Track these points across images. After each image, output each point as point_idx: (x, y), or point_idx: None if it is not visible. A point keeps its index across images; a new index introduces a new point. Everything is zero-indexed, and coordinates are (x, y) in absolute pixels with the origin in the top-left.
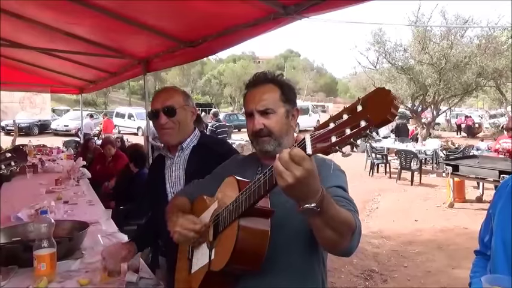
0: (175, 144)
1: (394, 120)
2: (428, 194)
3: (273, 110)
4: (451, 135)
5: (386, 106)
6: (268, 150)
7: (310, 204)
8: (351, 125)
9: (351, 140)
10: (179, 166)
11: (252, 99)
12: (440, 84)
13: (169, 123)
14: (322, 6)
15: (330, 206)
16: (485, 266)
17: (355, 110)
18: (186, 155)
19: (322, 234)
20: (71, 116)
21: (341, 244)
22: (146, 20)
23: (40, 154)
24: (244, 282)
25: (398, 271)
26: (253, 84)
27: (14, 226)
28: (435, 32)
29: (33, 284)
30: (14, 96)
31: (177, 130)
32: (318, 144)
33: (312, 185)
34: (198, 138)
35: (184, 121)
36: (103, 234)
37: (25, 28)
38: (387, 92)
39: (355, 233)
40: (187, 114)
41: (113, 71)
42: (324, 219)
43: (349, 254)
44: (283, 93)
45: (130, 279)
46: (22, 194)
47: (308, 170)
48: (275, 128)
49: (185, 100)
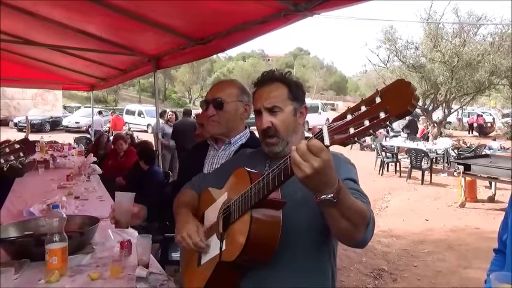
0: (218, 135)
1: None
2: (439, 194)
3: (280, 108)
4: (462, 134)
5: (406, 97)
6: (276, 151)
7: (327, 195)
8: (369, 117)
9: (370, 131)
10: (221, 159)
11: (259, 97)
12: (452, 83)
13: (216, 116)
14: (333, 3)
15: (346, 196)
16: (502, 265)
17: (374, 102)
18: (231, 150)
19: (338, 225)
20: (82, 113)
21: (356, 235)
22: (157, 18)
23: (52, 150)
24: (252, 275)
25: (408, 270)
26: (261, 83)
27: (26, 220)
28: (447, 29)
29: (44, 278)
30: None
31: (223, 123)
32: (336, 136)
33: (329, 176)
34: (247, 138)
35: (233, 115)
36: (113, 230)
37: (38, 26)
38: (407, 83)
39: (369, 224)
40: (237, 109)
41: (123, 69)
42: (340, 210)
43: (363, 245)
44: (290, 91)
45: (140, 274)
46: (34, 189)
47: (326, 161)
48: (281, 127)
49: (238, 95)
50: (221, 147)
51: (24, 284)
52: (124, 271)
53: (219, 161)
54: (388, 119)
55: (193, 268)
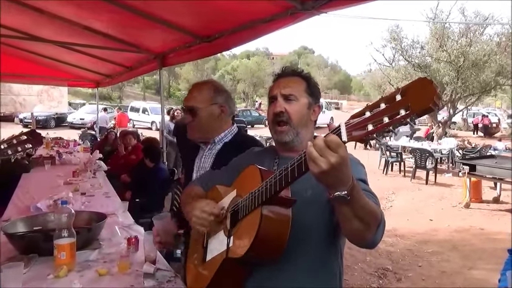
0: (197, 139)
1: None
2: (443, 194)
3: (296, 98)
4: (467, 134)
5: (429, 95)
6: (286, 140)
7: (341, 192)
8: (389, 114)
9: (389, 128)
10: (208, 159)
11: (277, 85)
12: (457, 83)
13: (192, 122)
14: (340, 2)
15: (360, 195)
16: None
17: (394, 99)
18: (216, 149)
19: (350, 224)
20: (87, 109)
21: (367, 236)
22: (164, 16)
23: (57, 146)
24: (258, 274)
25: (413, 270)
26: (281, 75)
27: (35, 216)
28: (454, 29)
29: (53, 273)
30: (32, 89)
31: (199, 128)
32: (354, 132)
33: (345, 173)
34: (232, 135)
35: (208, 119)
36: (120, 226)
37: (46, 23)
38: (429, 81)
39: (380, 225)
40: (212, 113)
41: (128, 66)
42: (354, 208)
43: (373, 246)
44: (308, 86)
45: (147, 270)
46: (41, 185)
47: (343, 157)
48: (295, 116)
49: (212, 98)
50: (207, 147)
51: (33, 279)
52: (131, 267)
53: (206, 160)
54: (408, 116)
55: (198, 264)
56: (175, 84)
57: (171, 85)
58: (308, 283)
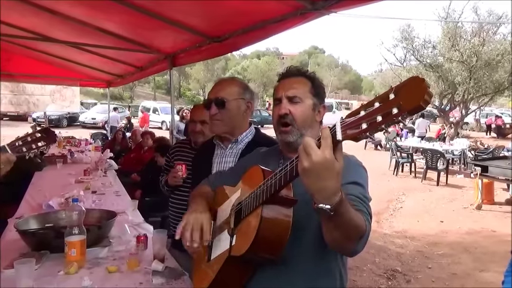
0: (222, 134)
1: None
2: (454, 195)
3: (301, 99)
4: (480, 135)
5: (419, 93)
6: (290, 141)
7: (324, 205)
8: (382, 112)
9: (382, 126)
10: (230, 158)
11: (282, 87)
12: (470, 83)
13: (218, 114)
14: (350, 2)
15: (346, 212)
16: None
17: (387, 98)
18: (239, 148)
19: (330, 234)
20: (98, 109)
21: (346, 247)
22: (175, 16)
23: (69, 145)
24: (260, 276)
25: (423, 272)
26: (285, 76)
27: (47, 213)
28: (466, 28)
29: (64, 269)
30: (45, 89)
31: (226, 121)
32: (349, 131)
33: (327, 180)
34: (253, 135)
35: (235, 113)
36: (130, 224)
37: (58, 23)
38: (421, 79)
39: (363, 237)
40: (239, 107)
41: (139, 66)
42: (336, 223)
43: (352, 255)
44: (313, 86)
45: (156, 268)
46: (52, 183)
47: (325, 158)
48: (299, 117)
49: (240, 93)
50: (228, 146)
51: (44, 275)
52: (140, 265)
53: (228, 159)
54: (400, 115)
55: (203, 263)
56: (185, 84)
57: (181, 85)
58: (308, 284)
